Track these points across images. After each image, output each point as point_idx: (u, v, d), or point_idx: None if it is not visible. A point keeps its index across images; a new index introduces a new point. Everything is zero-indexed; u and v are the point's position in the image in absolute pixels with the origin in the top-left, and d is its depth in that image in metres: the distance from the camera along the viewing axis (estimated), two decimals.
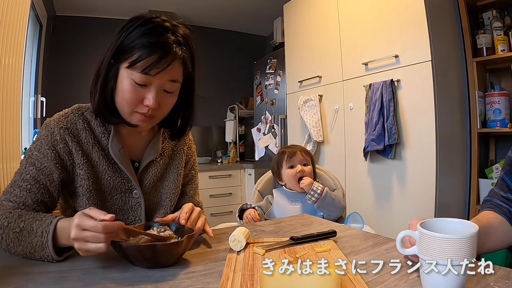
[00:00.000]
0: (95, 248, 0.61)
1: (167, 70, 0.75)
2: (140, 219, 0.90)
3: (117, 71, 0.78)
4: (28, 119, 2.59)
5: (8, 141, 1.57)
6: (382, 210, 2.03)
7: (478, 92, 1.87)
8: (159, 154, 0.94)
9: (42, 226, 0.68)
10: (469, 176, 1.94)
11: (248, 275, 0.62)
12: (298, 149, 1.46)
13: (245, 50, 4.28)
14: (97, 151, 0.84)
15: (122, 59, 0.76)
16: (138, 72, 0.74)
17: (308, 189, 1.35)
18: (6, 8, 1.56)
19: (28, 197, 0.76)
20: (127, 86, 0.76)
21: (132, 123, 0.82)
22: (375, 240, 0.86)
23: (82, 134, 0.83)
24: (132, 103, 0.78)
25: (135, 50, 0.73)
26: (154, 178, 0.92)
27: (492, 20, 1.90)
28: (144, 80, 0.75)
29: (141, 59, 0.73)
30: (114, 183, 0.86)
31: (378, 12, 2.06)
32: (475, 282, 0.58)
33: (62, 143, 0.80)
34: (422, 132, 1.82)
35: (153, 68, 0.73)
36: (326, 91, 2.45)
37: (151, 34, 0.74)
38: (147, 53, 0.73)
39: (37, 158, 0.79)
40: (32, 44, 2.68)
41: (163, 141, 0.96)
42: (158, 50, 0.73)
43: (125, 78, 0.76)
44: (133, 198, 0.89)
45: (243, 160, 3.93)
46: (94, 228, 0.60)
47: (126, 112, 0.80)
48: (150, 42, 0.73)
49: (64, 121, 0.82)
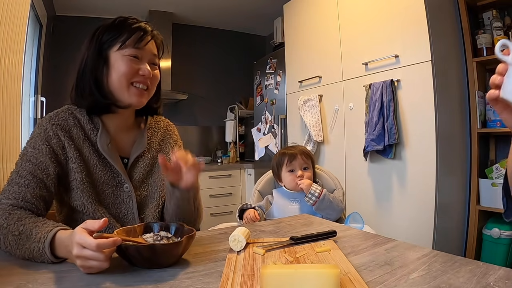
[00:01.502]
0: (97, 265, 0.62)
1: (150, 43, 0.92)
2: (132, 212, 0.93)
3: (107, 58, 0.89)
4: (28, 119, 2.59)
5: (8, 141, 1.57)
6: (382, 210, 2.03)
7: (478, 92, 1.87)
8: (147, 149, 1.00)
9: (41, 233, 0.68)
10: (469, 176, 1.94)
11: (248, 275, 0.62)
12: (298, 152, 1.44)
13: (245, 50, 4.28)
14: (87, 146, 0.90)
15: (109, 46, 0.88)
16: (130, 48, 0.88)
17: (306, 190, 1.35)
18: (6, 8, 1.56)
19: (27, 192, 0.79)
20: (123, 62, 0.88)
21: (128, 101, 0.90)
22: (375, 240, 0.86)
23: (73, 130, 0.89)
24: (129, 74, 0.88)
25: (121, 34, 0.88)
26: (143, 172, 0.97)
27: (492, 20, 1.90)
28: (136, 52, 0.89)
29: (129, 37, 0.88)
30: (105, 177, 0.91)
31: (378, 12, 2.06)
32: (475, 282, 0.58)
33: (55, 138, 0.86)
34: (422, 132, 1.82)
35: (141, 41, 0.89)
36: (326, 91, 2.45)
37: (131, 22, 0.91)
38: (133, 32, 0.89)
39: (32, 154, 0.83)
40: (32, 44, 2.68)
41: (149, 138, 1.02)
42: (140, 30, 0.90)
43: (119, 58, 0.88)
44: (124, 192, 0.93)
45: (243, 160, 3.94)
46: (89, 246, 0.60)
47: (124, 87, 0.88)
48: (132, 26, 0.90)
49: (56, 119, 0.88)
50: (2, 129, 1.51)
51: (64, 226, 0.72)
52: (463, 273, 0.62)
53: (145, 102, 0.94)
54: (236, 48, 4.27)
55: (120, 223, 0.92)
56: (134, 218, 0.93)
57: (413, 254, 0.74)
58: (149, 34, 0.91)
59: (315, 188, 1.34)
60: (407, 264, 0.68)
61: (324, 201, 1.32)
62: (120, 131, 0.97)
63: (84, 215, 0.88)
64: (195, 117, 4.03)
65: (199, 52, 4.05)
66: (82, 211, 0.88)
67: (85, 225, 0.64)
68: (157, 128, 1.07)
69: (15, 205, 0.78)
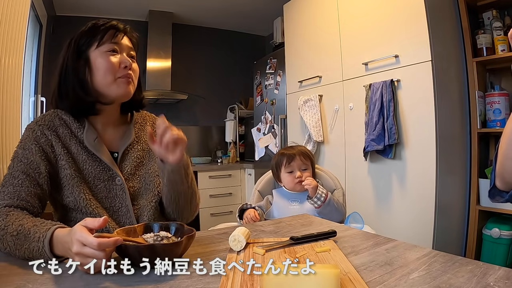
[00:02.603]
0: (96, 264, 0.61)
1: (125, 37, 0.96)
2: (126, 204, 0.94)
3: (87, 59, 0.91)
4: (28, 119, 2.59)
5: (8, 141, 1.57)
6: (382, 210, 2.03)
7: (478, 92, 1.87)
8: (136, 141, 1.02)
9: (39, 232, 0.69)
10: (469, 176, 1.94)
11: (248, 275, 0.62)
12: (297, 153, 1.43)
13: (245, 50, 4.28)
14: (74, 143, 0.92)
15: (87, 47, 0.92)
16: (107, 43, 0.92)
17: (313, 192, 1.32)
18: (6, 8, 1.56)
19: (21, 191, 0.81)
20: (103, 58, 0.91)
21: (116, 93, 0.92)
22: (375, 240, 0.86)
23: (59, 129, 0.92)
24: (113, 68, 0.91)
25: (97, 34, 0.91)
26: (133, 164, 0.99)
27: (492, 20, 1.90)
28: (114, 46, 0.92)
29: (104, 35, 0.92)
30: (95, 172, 0.92)
31: (378, 12, 2.06)
32: (475, 282, 0.58)
33: (43, 137, 0.88)
34: (422, 132, 1.82)
35: (117, 36, 0.93)
36: (326, 91, 2.45)
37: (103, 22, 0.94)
38: (107, 30, 0.92)
39: (23, 155, 0.86)
40: (32, 44, 2.68)
41: (137, 131, 1.04)
42: (112, 28, 0.94)
43: (99, 55, 0.91)
44: (117, 185, 0.94)
45: (243, 160, 3.93)
46: (91, 245, 0.60)
47: (109, 82, 0.91)
48: (106, 25, 0.93)
49: (42, 120, 0.91)
50: (2, 129, 1.51)
51: (61, 224, 0.72)
52: (463, 273, 0.62)
53: (132, 91, 0.96)
54: (236, 48, 4.27)
55: (114, 216, 0.93)
56: (128, 210, 0.94)
57: (413, 254, 0.73)
58: (121, 30, 0.95)
59: (321, 192, 1.32)
60: (407, 264, 0.68)
61: (328, 206, 1.31)
62: (107, 127, 0.99)
63: (77, 213, 0.89)
64: (195, 117, 4.03)
65: (199, 52, 4.05)
66: (75, 208, 0.88)
67: (84, 223, 0.64)
68: (144, 122, 1.09)
69: (11, 205, 0.78)
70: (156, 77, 3.51)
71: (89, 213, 0.88)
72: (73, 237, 0.62)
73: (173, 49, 3.62)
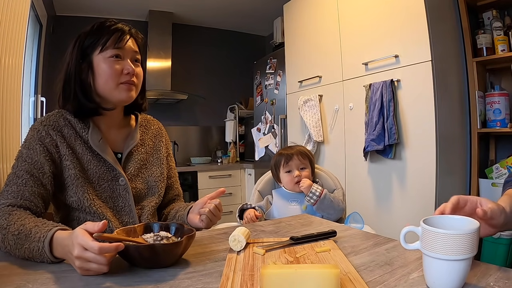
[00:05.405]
0: (96, 268, 0.61)
1: (130, 41, 0.94)
2: (129, 204, 0.96)
3: (90, 63, 0.91)
4: (28, 119, 2.59)
5: (8, 141, 1.57)
6: (382, 210, 2.03)
7: (478, 92, 1.87)
8: (140, 144, 1.04)
9: (40, 232, 0.69)
10: (469, 176, 1.94)
11: (248, 275, 0.62)
12: (295, 153, 1.44)
13: (245, 50, 4.28)
14: (79, 144, 0.92)
15: (91, 51, 0.91)
16: (111, 49, 0.91)
17: (307, 191, 1.35)
18: (6, 8, 1.56)
19: (25, 190, 0.81)
20: (106, 64, 0.90)
21: (118, 98, 0.93)
22: (375, 240, 0.86)
23: (64, 129, 0.92)
24: (115, 75, 0.91)
25: (101, 38, 0.91)
26: (137, 165, 1.01)
27: (492, 20, 1.90)
28: (117, 52, 0.91)
29: (108, 39, 0.91)
30: (100, 172, 0.93)
31: (378, 12, 2.06)
32: (475, 282, 0.58)
33: (48, 138, 0.89)
34: (422, 132, 1.82)
35: (121, 41, 0.92)
36: (326, 91, 2.45)
37: (109, 24, 0.93)
38: (112, 34, 0.91)
39: (27, 155, 0.86)
40: (32, 44, 2.68)
41: (141, 134, 1.06)
42: (118, 31, 0.93)
43: (102, 60, 0.91)
44: (120, 185, 0.95)
45: (243, 160, 3.93)
46: (92, 249, 0.60)
47: (112, 88, 0.91)
48: (110, 28, 0.92)
49: (47, 121, 0.91)
50: (2, 129, 1.51)
51: (63, 226, 0.72)
52: None
53: (134, 96, 0.97)
54: (236, 48, 4.27)
55: (118, 215, 0.94)
56: (131, 210, 0.96)
57: (413, 254, 0.73)
58: (127, 33, 0.94)
59: (315, 188, 1.34)
60: (407, 264, 0.68)
61: (325, 201, 1.32)
62: (111, 128, 1.00)
63: (80, 212, 0.90)
64: (195, 117, 4.03)
65: (199, 52, 4.05)
66: (78, 207, 0.89)
67: (85, 227, 0.64)
68: (148, 126, 1.11)
69: (14, 204, 0.79)
70: (156, 77, 3.51)
71: (93, 213, 0.89)
72: (74, 240, 0.62)
73: (173, 49, 3.63)
